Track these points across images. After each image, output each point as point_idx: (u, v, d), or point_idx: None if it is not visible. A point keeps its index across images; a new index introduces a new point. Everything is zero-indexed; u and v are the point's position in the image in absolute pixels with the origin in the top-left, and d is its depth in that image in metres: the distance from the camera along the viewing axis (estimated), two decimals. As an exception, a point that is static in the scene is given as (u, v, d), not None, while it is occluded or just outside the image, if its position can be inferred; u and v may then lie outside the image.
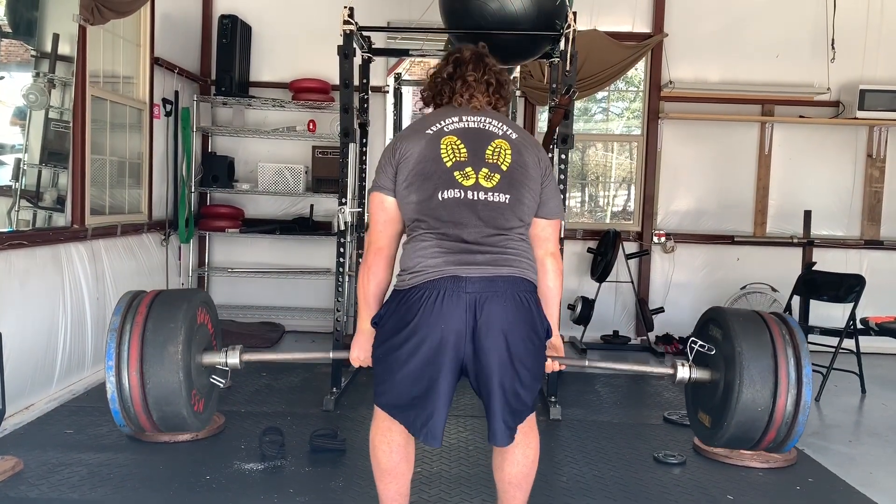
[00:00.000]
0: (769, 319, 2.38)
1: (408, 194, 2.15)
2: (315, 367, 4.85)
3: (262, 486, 2.94)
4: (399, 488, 2.23)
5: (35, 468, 3.01)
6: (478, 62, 2.33)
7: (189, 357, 2.23)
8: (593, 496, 2.96)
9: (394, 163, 2.18)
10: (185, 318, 2.24)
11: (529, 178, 2.18)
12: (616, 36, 5.89)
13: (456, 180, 2.11)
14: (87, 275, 4.19)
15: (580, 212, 6.75)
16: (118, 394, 2.17)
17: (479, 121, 2.23)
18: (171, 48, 5.32)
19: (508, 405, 2.07)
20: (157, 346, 2.18)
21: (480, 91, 2.28)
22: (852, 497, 3.08)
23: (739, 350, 2.23)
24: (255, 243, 6.05)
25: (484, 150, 2.17)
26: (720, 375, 2.32)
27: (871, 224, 6.10)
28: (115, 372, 2.16)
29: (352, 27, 3.92)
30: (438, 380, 2.04)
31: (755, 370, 2.21)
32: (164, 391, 2.17)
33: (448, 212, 2.10)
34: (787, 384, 2.21)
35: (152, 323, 2.22)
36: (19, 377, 3.58)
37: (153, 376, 2.17)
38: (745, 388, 2.20)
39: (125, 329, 2.20)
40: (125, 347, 2.17)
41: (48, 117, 4.12)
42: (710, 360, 2.38)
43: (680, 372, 2.40)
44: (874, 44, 5.97)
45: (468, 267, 2.05)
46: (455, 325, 2.02)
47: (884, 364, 5.58)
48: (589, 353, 5.61)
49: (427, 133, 2.19)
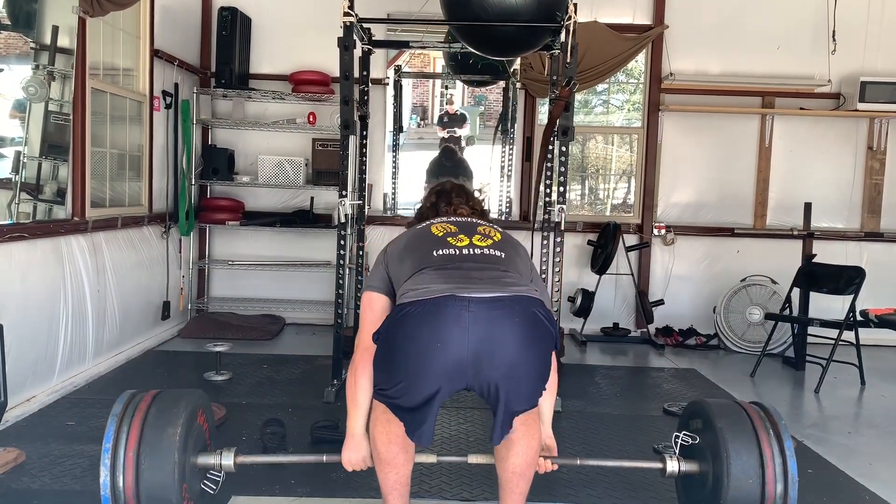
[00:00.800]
0: (747, 408, 2.45)
1: (401, 266, 2.24)
2: (315, 359, 4.86)
3: (263, 478, 2.95)
4: (398, 477, 2.24)
5: (37, 460, 3.02)
6: (460, 190, 2.63)
7: (185, 463, 2.24)
8: (593, 487, 2.97)
9: (385, 260, 2.34)
10: (183, 426, 2.25)
11: (520, 256, 2.31)
12: (616, 28, 5.88)
13: (449, 242, 2.24)
14: (88, 267, 4.19)
15: (580, 204, 6.76)
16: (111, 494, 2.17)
17: (465, 219, 2.45)
18: (170, 40, 5.31)
19: (513, 414, 2.09)
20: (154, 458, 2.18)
21: (464, 208, 2.55)
22: (852, 488, 3.10)
23: (724, 447, 2.29)
24: (255, 236, 6.06)
25: (474, 228, 2.34)
26: (708, 466, 2.37)
27: (872, 216, 6.10)
28: (110, 486, 2.16)
29: (352, 19, 3.91)
30: (434, 397, 2.03)
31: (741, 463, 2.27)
32: (159, 500, 2.18)
33: (444, 260, 2.18)
34: (774, 469, 2.26)
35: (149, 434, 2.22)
36: (21, 369, 3.59)
37: (149, 485, 2.17)
38: (734, 483, 2.26)
39: (119, 440, 2.20)
40: (120, 459, 2.17)
41: (48, 110, 4.12)
42: (696, 451, 2.44)
43: (669, 465, 2.44)
44: (875, 35, 5.96)
45: (470, 286, 2.05)
46: (456, 345, 1.98)
47: (883, 356, 5.60)
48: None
49: (416, 228, 2.41)
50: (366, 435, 2.24)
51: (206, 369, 4.40)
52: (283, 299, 6.02)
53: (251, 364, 4.69)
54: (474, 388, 2.06)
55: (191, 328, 5.50)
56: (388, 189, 6.66)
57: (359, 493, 2.83)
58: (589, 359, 5.34)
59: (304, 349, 5.21)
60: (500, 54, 4.61)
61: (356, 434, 2.25)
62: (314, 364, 4.76)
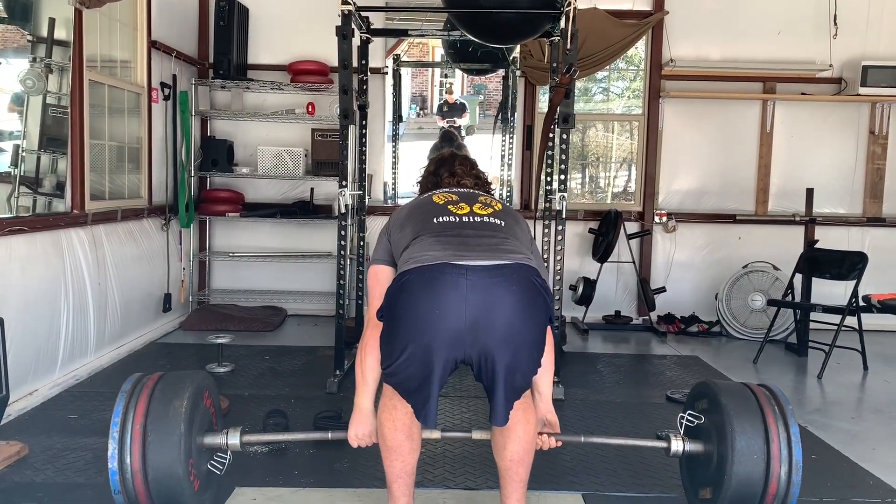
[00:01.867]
0: (754, 388, 2.43)
1: (402, 232, 2.26)
2: (318, 349, 4.86)
3: (266, 469, 2.95)
4: (404, 465, 2.24)
5: (40, 453, 3.02)
6: (463, 159, 2.61)
7: (191, 441, 2.25)
8: (597, 475, 2.97)
9: (387, 231, 2.36)
10: (189, 402, 2.25)
11: (520, 227, 2.33)
12: (616, 14, 5.84)
13: (450, 210, 2.26)
14: (89, 260, 4.18)
15: (581, 192, 6.74)
16: (121, 479, 2.18)
17: (467, 190, 2.47)
18: (168, 31, 5.28)
19: (511, 388, 2.08)
20: (161, 432, 2.20)
21: (468, 179, 2.53)
22: (855, 473, 3.10)
23: (730, 424, 2.26)
24: (255, 227, 6.05)
25: (475, 198, 2.37)
26: (713, 447, 2.35)
27: (874, 201, 6.08)
28: (117, 458, 2.17)
29: (350, 7, 3.89)
30: (433, 375, 2.04)
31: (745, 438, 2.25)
32: (166, 475, 2.18)
33: (444, 227, 2.20)
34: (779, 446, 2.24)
35: (156, 407, 2.24)
36: (22, 363, 3.59)
37: (155, 460, 2.18)
38: (738, 460, 2.24)
39: (128, 414, 2.22)
40: (128, 432, 2.19)
41: (46, 103, 4.10)
42: (702, 432, 2.42)
43: (674, 445, 2.43)
44: (877, 19, 5.92)
45: (467, 253, 2.06)
46: (454, 312, 2.00)
47: (886, 341, 5.59)
48: (590, 339, 5.63)
49: (418, 198, 2.46)
50: (373, 410, 2.25)
51: (207, 361, 4.40)
52: (284, 290, 6.01)
53: (253, 355, 4.69)
54: (472, 357, 2.06)
55: (192, 320, 5.50)
56: (388, 179, 6.64)
57: (363, 483, 2.83)
58: (591, 347, 5.34)
59: (306, 340, 5.22)
60: (500, 42, 4.58)
61: (363, 408, 2.25)
62: (316, 355, 4.75)
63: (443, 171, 2.56)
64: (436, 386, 2.06)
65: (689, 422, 2.43)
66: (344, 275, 4.15)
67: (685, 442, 2.44)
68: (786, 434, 2.26)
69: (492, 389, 2.08)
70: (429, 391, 2.05)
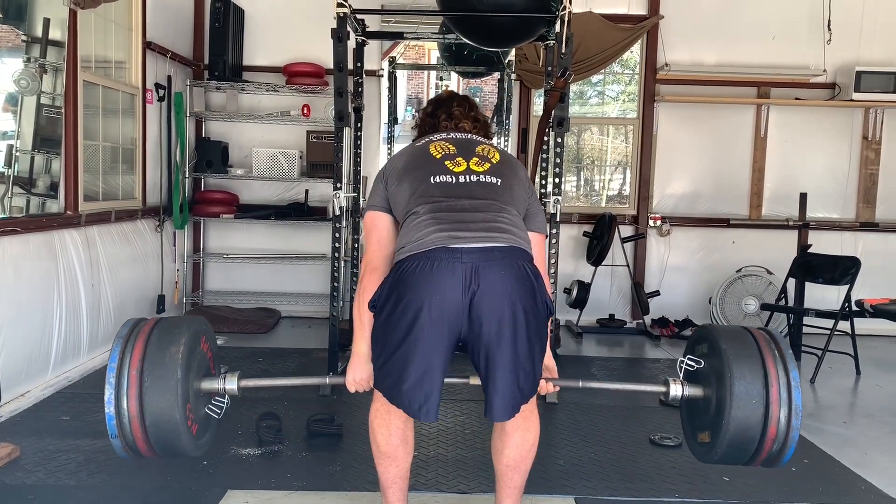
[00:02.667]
0: (755, 332, 2.41)
1: (399, 187, 2.21)
2: (311, 352, 4.85)
3: (259, 472, 2.95)
4: (398, 471, 2.24)
5: (31, 455, 3.01)
6: (462, 100, 2.51)
7: (188, 385, 2.23)
8: (590, 478, 2.97)
9: (384, 179, 2.30)
10: (186, 346, 2.24)
11: (518, 179, 2.29)
12: (612, 18, 5.86)
13: (447, 167, 2.21)
14: (82, 261, 4.17)
15: (576, 196, 6.74)
16: (118, 423, 2.17)
17: (466, 135, 2.39)
18: (163, 32, 5.27)
19: (510, 377, 2.05)
20: (157, 375, 2.18)
21: (466, 122, 2.44)
22: (847, 478, 3.11)
23: (729, 366, 2.25)
24: (250, 229, 6.03)
25: (473, 148, 2.30)
26: (712, 391, 2.33)
27: (867, 206, 6.11)
28: (114, 402, 2.16)
29: (345, 10, 3.89)
30: (434, 354, 2.03)
31: (744, 381, 2.22)
32: (164, 419, 2.17)
33: (441, 190, 2.16)
34: (779, 390, 2.22)
35: (152, 352, 2.22)
36: (14, 364, 3.58)
37: (152, 404, 2.16)
38: (736, 403, 2.21)
39: (124, 358, 2.20)
40: (124, 376, 2.17)
41: (40, 103, 4.10)
42: (701, 376, 2.40)
43: (672, 389, 2.41)
44: (870, 25, 5.94)
45: (463, 236, 2.05)
46: (450, 296, 2.00)
47: (878, 346, 5.61)
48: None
49: (416, 146, 2.35)
50: (370, 355, 2.21)
51: (201, 363, 4.38)
52: (278, 292, 6.00)
53: (247, 357, 4.68)
54: (468, 340, 2.05)
55: (186, 322, 5.47)
56: (384, 181, 6.62)
57: (355, 487, 2.83)
58: (585, 350, 5.34)
59: (299, 342, 5.21)
60: (495, 45, 4.59)
61: (362, 353, 2.23)
62: (310, 357, 4.75)
63: (440, 112, 2.47)
64: (437, 372, 2.03)
65: (688, 366, 2.40)
66: (338, 277, 4.15)
67: (684, 386, 2.41)
68: (785, 378, 2.21)
69: (489, 379, 2.06)
70: (431, 381, 2.03)
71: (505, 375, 2.04)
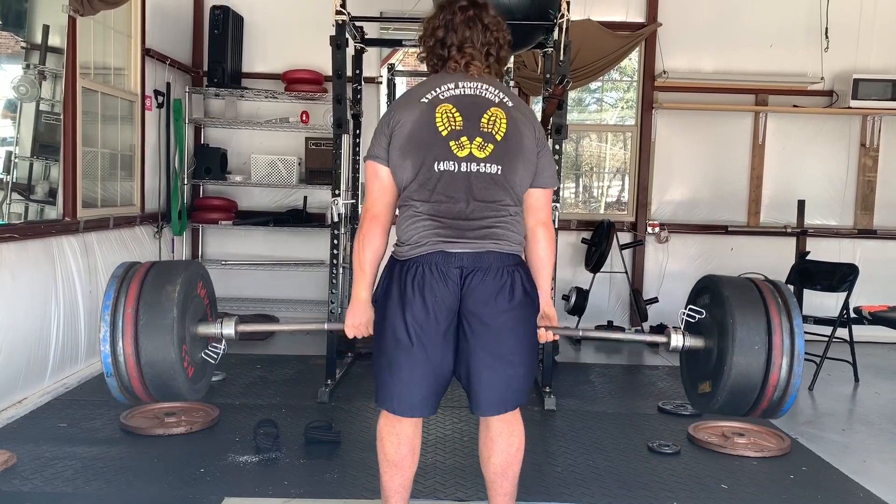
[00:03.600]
0: (759, 282, 2.36)
1: (402, 161, 2.14)
2: (310, 358, 4.84)
3: (256, 479, 2.94)
4: (403, 480, 2.23)
5: (28, 462, 3.00)
6: (474, 23, 2.22)
7: (184, 327, 2.21)
8: (588, 486, 2.96)
9: (388, 132, 2.17)
10: (182, 287, 2.21)
11: (524, 148, 2.16)
12: (610, 26, 5.87)
13: (451, 151, 2.10)
14: (80, 268, 4.16)
15: (574, 202, 6.75)
16: (113, 362, 2.14)
17: (476, 87, 2.18)
18: (162, 39, 5.28)
19: (495, 371, 2.11)
20: (153, 314, 2.15)
21: (478, 59, 2.22)
22: (846, 485, 3.10)
23: (731, 313, 2.20)
24: (248, 235, 6.04)
25: (479, 118, 2.14)
26: (713, 342, 2.29)
27: (865, 213, 6.11)
28: (109, 341, 2.13)
29: (344, 17, 3.90)
30: (433, 351, 2.08)
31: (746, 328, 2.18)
32: (159, 359, 2.14)
33: (443, 185, 2.10)
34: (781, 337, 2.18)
35: (148, 291, 2.19)
36: (12, 371, 3.57)
37: (148, 344, 2.14)
38: (738, 349, 2.17)
39: (120, 298, 2.17)
40: (120, 315, 2.14)
41: (39, 109, 4.10)
42: (703, 328, 2.35)
43: (673, 339, 2.36)
44: (867, 33, 5.96)
45: (459, 241, 2.09)
46: (446, 298, 2.07)
47: (877, 353, 5.61)
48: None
49: (422, 101, 2.16)
50: (370, 301, 2.22)
51: (199, 370, 4.37)
52: (276, 299, 6.00)
53: (244, 364, 4.67)
54: (461, 326, 2.11)
55: (184, 328, 5.46)
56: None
57: (352, 494, 2.82)
58: (584, 357, 5.34)
59: (297, 349, 5.19)
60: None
61: (361, 299, 2.22)
62: (308, 364, 4.74)
63: (450, 40, 2.21)
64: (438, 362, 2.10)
65: (689, 317, 2.37)
66: (336, 283, 4.15)
67: (685, 337, 2.38)
68: (788, 325, 2.19)
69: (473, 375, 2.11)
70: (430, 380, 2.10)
71: (490, 369, 2.10)
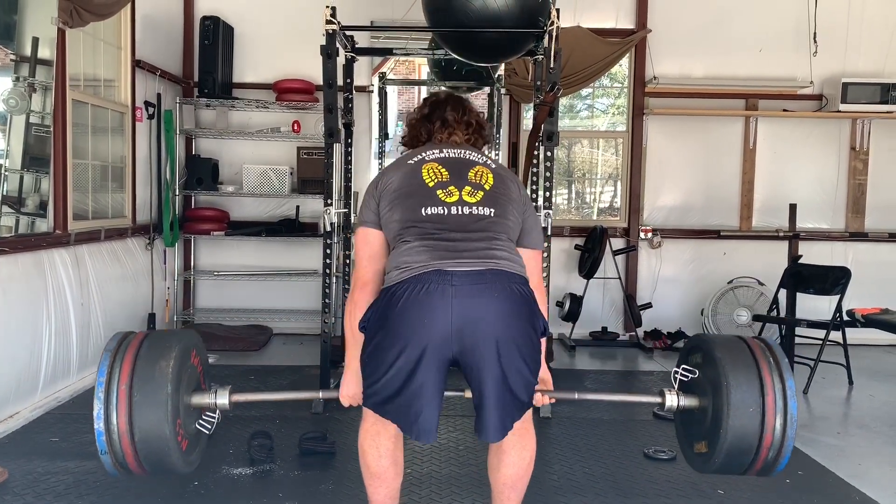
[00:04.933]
0: (749, 341, 2.40)
1: (391, 214, 2.18)
2: (303, 369, 4.82)
3: (251, 491, 2.92)
4: (388, 492, 2.22)
5: (20, 477, 2.97)
6: (456, 103, 2.44)
7: (178, 399, 2.20)
8: (584, 493, 2.95)
9: (376, 195, 2.25)
10: (176, 360, 2.21)
11: (512, 201, 2.24)
12: (600, 32, 5.89)
13: (438, 198, 2.16)
14: (71, 280, 4.14)
15: (567, 209, 6.76)
16: (107, 439, 2.13)
17: (460, 152, 2.31)
18: (152, 50, 5.28)
19: (501, 399, 2.03)
20: (147, 390, 2.15)
21: (460, 129, 2.39)
22: (842, 489, 3.10)
23: (725, 375, 2.23)
24: (240, 246, 6.02)
25: (466, 173, 2.24)
26: (708, 401, 2.32)
27: (856, 216, 6.14)
28: (103, 418, 2.13)
29: (334, 27, 3.90)
30: (426, 379, 2.00)
31: (741, 391, 2.22)
32: (154, 435, 2.13)
33: (432, 223, 2.12)
34: (774, 398, 2.21)
35: (142, 366, 2.19)
36: (3, 385, 3.55)
37: (142, 420, 2.13)
38: (734, 412, 2.20)
39: (113, 374, 2.17)
40: (113, 392, 2.14)
41: (29, 122, 4.09)
42: (696, 386, 2.39)
43: (668, 400, 2.40)
44: (856, 37, 6.00)
45: (454, 261, 2.03)
46: (440, 320, 1.98)
47: (870, 355, 5.62)
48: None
49: (408, 163, 2.27)
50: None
51: (192, 381, 4.35)
52: (269, 309, 5.98)
53: (238, 375, 4.65)
54: (460, 362, 2.04)
55: (177, 340, 5.44)
56: (375, 196, 6.61)
57: (348, 505, 2.81)
58: (578, 363, 5.33)
59: (291, 359, 5.17)
60: (484, 60, 4.60)
61: (354, 369, 2.22)
62: (302, 374, 4.72)
63: (435, 116, 2.40)
64: (430, 390, 2.01)
65: (682, 376, 2.38)
66: (329, 293, 4.14)
67: (679, 397, 2.40)
68: (781, 386, 2.22)
69: (480, 401, 2.04)
70: (424, 401, 2.00)
71: (496, 396, 2.02)
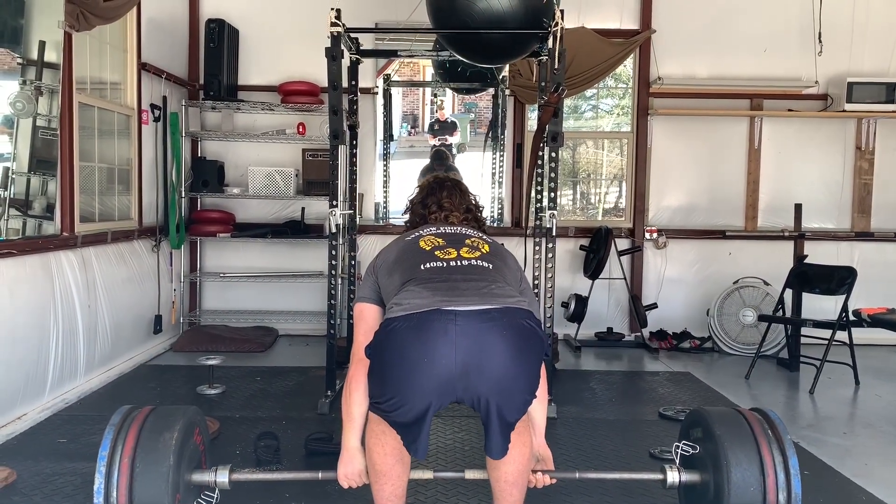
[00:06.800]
0: (748, 416, 2.42)
1: (390, 280, 2.23)
2: (309, 370, 4.84)
3: (257, 492, 2.93)
4: (394, 490, 2.22)
5: (28, 478, 2.99)
6: (453, 187, 2.53)
7: (179, 475, 2.22)
8: (590, 493, 2.95)
9: (374, 271, 2.32)
10: (179, 434, 2.23)
11: (508, 268, 2.30)
12: (604, 33, 5.89)
13: (437, 256, 2.22)
14: (78, 283, 4.16)
15: (572, 209, 6.76)
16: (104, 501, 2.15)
17: (455, 229, 2.40)
18: (158, 53, 5.30)
19: (506, 425, 2.06)
20: (149, 462, 2.17)
21: (457, 213, 2.49)
22: (848, 488, 3.09)
23: (724, 454, 2.26)
24: (246, 248, 6.04)
25: (462, 241, 2.31)
26: (709, 476, 2.35)
27: (862, 216, 6.12)
28: (104, 493, 2.14)
29: (339, 29, 3.91)
30: (424, 415, 2.02)
31: (741, 471, 2.24)
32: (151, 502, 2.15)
33: (432, 273, 2.16)
34: (776, 478, 2.23)
35: (146, 437, 2.21)
36: (11, 387, 3.57)
37: (143, 493, 2.15)
38: (734, 491, 2.22)
39: (116, 448, 2.19)
40: (115, 466, 2.16)
41: (36, 125, 4.10)
42: (697, 461, 2.42)
43: (670, 476, 2.42)
44: (861, 36, 5.99)
45: (457, 299, 2.03)
46: (443, 361, 1.96)
47: (876, 355, 5.61)
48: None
49: (406, 240, 2.36)
50: (361, 448, 2.22)
51: (198, 383, 4.37)
52: (275, 311, 5.99)
53: (244, 377, 4.66)
54: (465, 401, 2.05)
55: (183, 342, 5.47)
56: (380, 198, 6.65)
57: (354, 506, 2.81)
58: (584, 364, 5.33)
59: (297, 360, 5.19)
60: (488, 62, 4.61)
61: (351, 447, 2.22)
62: (308, 375, 4.73)
63: (430, 201, 2.52)
64: (426, 425, 2.04)
65: (684, 451, 2.42)
66: (335, 294, 4.14)
67: (681, 473, 2.43)
68: (783, 463, 2.24)
69: (487, 426, 2.07)
70: (418, 430, 2.03)
71: (499, 425, 2.05)
